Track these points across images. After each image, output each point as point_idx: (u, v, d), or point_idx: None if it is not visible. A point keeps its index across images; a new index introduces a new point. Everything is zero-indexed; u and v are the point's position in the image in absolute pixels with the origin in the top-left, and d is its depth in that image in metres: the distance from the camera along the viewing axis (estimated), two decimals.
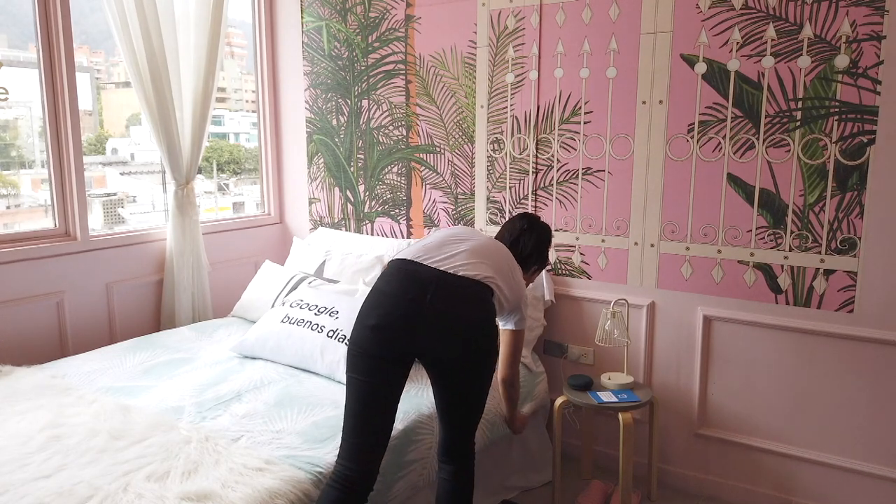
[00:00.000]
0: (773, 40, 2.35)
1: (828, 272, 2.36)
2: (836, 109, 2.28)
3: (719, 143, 2.48)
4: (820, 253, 2.37)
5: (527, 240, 2.19)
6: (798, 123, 2.35)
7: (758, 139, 2.42)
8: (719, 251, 2.54)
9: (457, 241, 1.97)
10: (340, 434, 1.99)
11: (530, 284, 2.34)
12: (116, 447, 1.87)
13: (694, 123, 2.52)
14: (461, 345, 1.83)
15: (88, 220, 2.89)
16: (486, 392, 1.95)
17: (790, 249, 2.42)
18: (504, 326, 2.15)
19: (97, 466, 1.77)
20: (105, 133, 3.48)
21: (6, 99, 2.63)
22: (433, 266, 1.87)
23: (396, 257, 1.95)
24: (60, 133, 2.79)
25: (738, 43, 2.41)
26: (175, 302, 3.14)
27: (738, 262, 2.51)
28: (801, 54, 2.31)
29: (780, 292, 2.46)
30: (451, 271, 1.86)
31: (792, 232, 2.40)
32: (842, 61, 2.25)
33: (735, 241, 2.50)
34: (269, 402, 2.20)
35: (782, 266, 2.44)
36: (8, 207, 3.02)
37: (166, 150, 3.03)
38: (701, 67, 2.48)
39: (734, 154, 2.47)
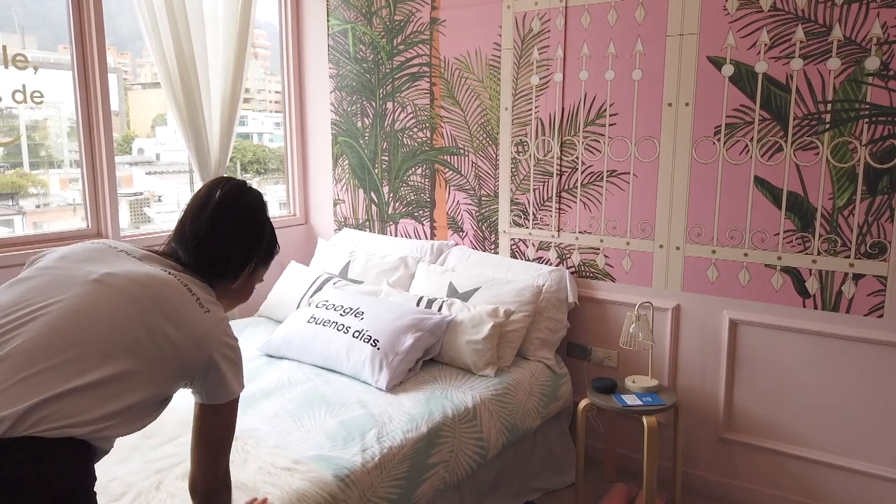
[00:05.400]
0: (801, 42, 2.33)
1: (857, 276, 2.34)
2: (867, 112, 2.26)
3: (746, 145, 2.47)
4: (849, 257, 2.34)
5: (221, 231, 1.34)
6: (827, 126, 2.33)
7: (786, 142, 2.40)
8: (746, 254, 2.52)
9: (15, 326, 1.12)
10: (367, 435, 2.02)
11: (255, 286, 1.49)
12: (149, 445, 1.90)
13: (721, 126, 2.50)
14: None
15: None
16: None
17: (818, 253, 2.39)
18: (197, 400, 1.35)
19: (130, 464, 1.81)
20: (131, 133, 3.53)
21: (41, 102, 2.69)
22: None
23: None
24: (93, 133, 2.85)
25: (766, 45, 2.39)
26: None
27: (765, 265, 2.49)
28: (831, 56, 2.29)
29: (807, 296, 2.43)
30: None
31: (820, 236, 2.38)
32: (872, 63, 2.23)
33: (762, 244, 2.49)
34: (296, 402, 2.23)
35: (810, 270, 2.42)
36: (37, 206, 3.08)
37: (195, 150, 3.07)
38: (728, 69, 2.46)
39: (762, 157, 2.45)
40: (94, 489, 1.17)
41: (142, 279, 1.23)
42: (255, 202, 1.42)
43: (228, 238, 1.36)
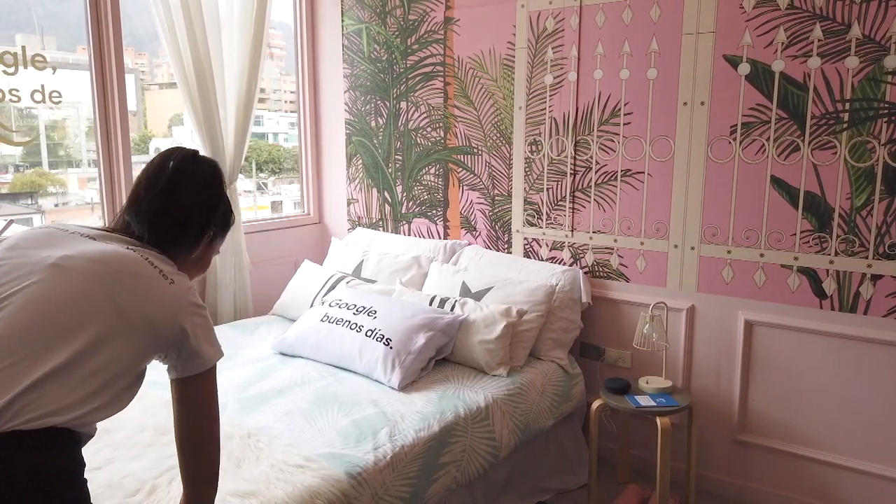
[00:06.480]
0: (819, 40, 2.30)
1: (875, 277, 2.31)
2: (885, 111, 2.23)
3: (763, 144, 2.44)
4: (867, 258, 2.31)
5: (177, 198, 1.33)
6: (845, 125, 2.30)
7: (803, 141, 2.37)
8: (762, 255, 2.49)
9: None
10: (379, 434, 2.02)
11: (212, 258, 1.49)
12: (162, 442, 1.92)
13: (737, 125, 2.48)
14: None
15: None
16: None
17: (836, 254, 2.37)
18: (173, 376, 1.31)
19: (144, 460, 1.82)
20: (148, 133, 3.57)
21: (59, 102, 2.72)
22: None
23: None
24: (110, 133, 2.88)
25: (783, 43, 2.37)
26: (217, 300, 3.21)
27: (782, 266, 2.46)
28: (849, 55, 2.26)
29: (824, 297, 2.41)
30: None
31: (838, 236, 2.35)
32: (891, 62, 2.20)
33: (778, 244, 2.46)
34: (309, 400, 2.24)
35: (827, 271, 2.39)
36: (56, 205, 3.12)
37: (210, 151, 3.09)
38: (744, 68, 2.44)
39: (778, 156, 2.42)
40: (84, 475, 1.16)
41: (100, 257, 1.21)
42: (210, 170, 1.40)
43: (185, 204, 1.34)
